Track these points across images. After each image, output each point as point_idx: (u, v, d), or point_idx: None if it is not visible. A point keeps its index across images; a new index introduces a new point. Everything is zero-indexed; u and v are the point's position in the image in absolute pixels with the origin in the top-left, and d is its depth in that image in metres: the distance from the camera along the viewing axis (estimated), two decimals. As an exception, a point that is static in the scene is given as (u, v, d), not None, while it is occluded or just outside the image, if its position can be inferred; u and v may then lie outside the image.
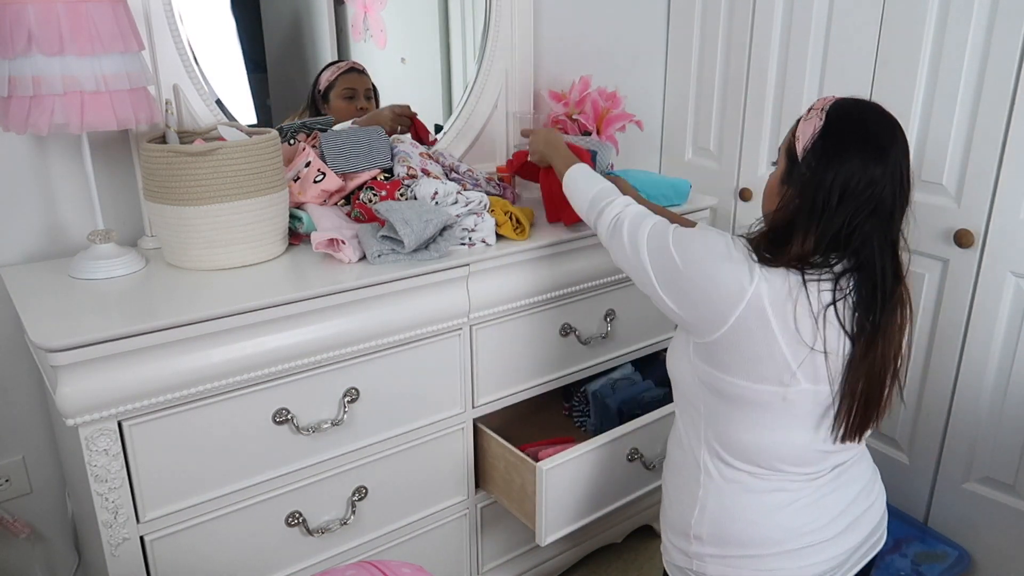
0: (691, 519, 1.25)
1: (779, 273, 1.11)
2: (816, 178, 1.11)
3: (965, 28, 1.69)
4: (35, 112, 1.23)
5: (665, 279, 1.20)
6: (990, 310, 1.76)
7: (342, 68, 1.86)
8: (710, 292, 1.13)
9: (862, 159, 1.10)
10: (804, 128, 1.16)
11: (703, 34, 2.29)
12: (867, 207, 1.10)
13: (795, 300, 1.10)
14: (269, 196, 1.41)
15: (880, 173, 1.10)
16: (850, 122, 1.14)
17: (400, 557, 1.56)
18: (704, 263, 1.15)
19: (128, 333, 1.16)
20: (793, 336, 1.11)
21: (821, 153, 1.12)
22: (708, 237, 1.18)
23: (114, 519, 1.23)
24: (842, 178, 1.10)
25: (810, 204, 1.12)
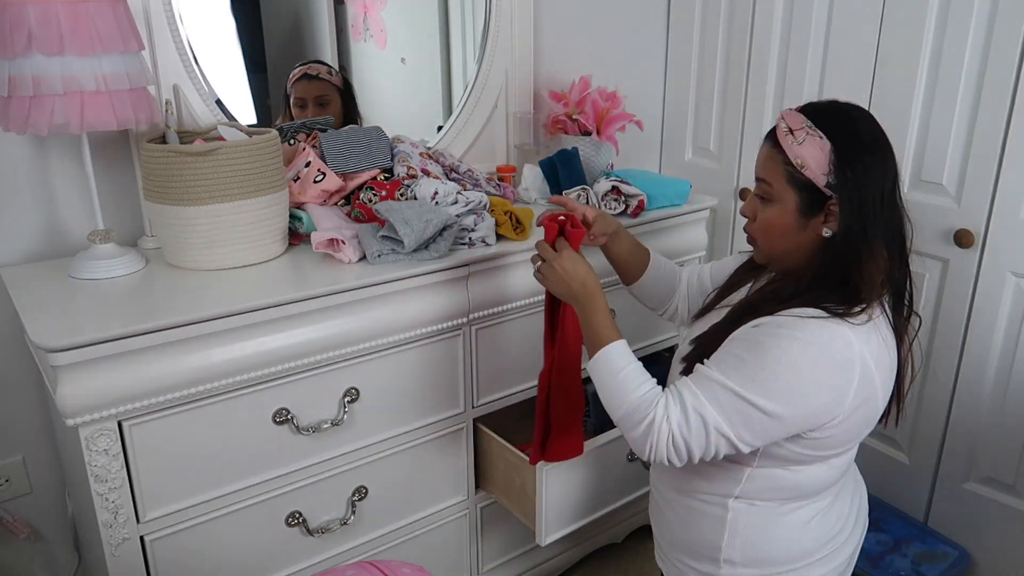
0: (720, 543, 1.18)
1: (866, 319, 1.05)
2: (856, 195, 1.05)
3: (965, 28, 1.69)
4: (35, 112, 1.23)
5: (769, 430, 1.04)
6: (990, 310, 1.76)
7: (295, 76, 1.79)
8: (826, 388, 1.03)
9: (882, 157, 1.07)
10: (806, 152, 1.07)
11: (703, 34, 2.29)
12: (895, 200, 1.08)
13: (887, 336, 1.07)
14: (269, 196, 1.41)
15: (893, 164, 1.08)
16: (853, 129, 1.08)
17: (400, 557, 1.56)
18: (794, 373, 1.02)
19: (128, 333, 1.16)
20: (888, 379, 1.09)
21: (848, 169, 1.05)
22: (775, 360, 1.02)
23: (114, 519, 1.23)
24: (877, 184, 1.05)
25: (863, 221, 1.05)
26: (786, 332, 1.03)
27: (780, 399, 1.02)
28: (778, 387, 1.01)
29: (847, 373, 1.03)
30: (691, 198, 1.91)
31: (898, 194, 1.09)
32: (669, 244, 1.87)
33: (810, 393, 1.02)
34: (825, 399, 1.03)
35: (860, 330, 1.04)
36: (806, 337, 1.02)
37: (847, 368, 1.03)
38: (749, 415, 1.03)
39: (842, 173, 1.05)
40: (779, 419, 1.03)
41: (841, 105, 1.12)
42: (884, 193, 1.06)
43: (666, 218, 1.83)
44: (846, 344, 1.02)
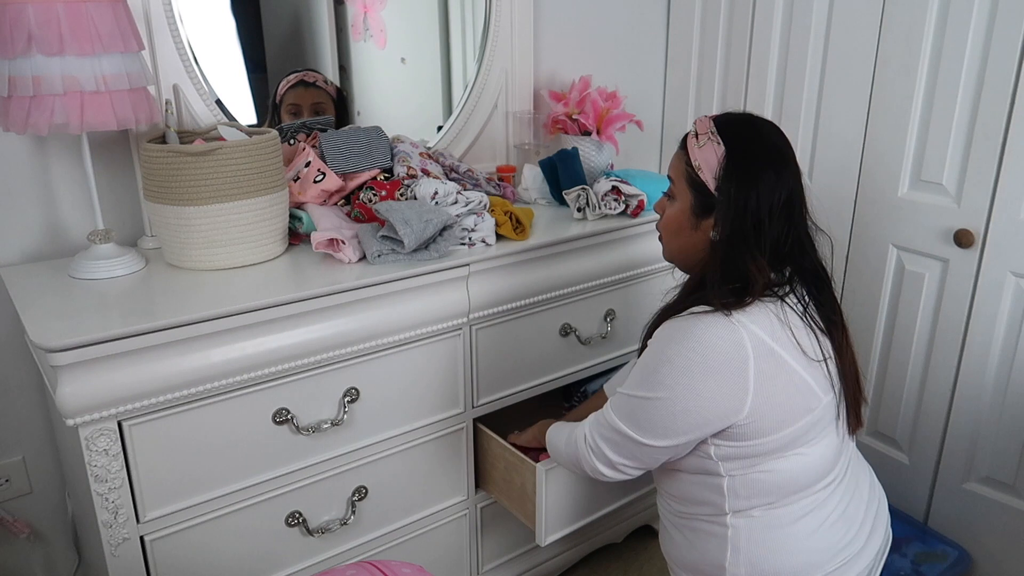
0: (724, 561, 1.19)
1: (756, 309, 1.10)
2: (741, 202, 1.12)
3: (965, 28, 1.69)
4: (35, 112, 1.23)
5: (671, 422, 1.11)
6: (990, 310, 1.76)
7: (290, 81, 1.78)
8: (716, 375, 1.08)
9: (775, 171, 1.13)
10: (703, 156, 1.15)
11: (703, 34, 2.29)
12: (790, 213, 1.14)
13: (786, 323, 1.11)
14: (269, 196, 1.41)
15: (790, 178, 1.14)
16: (750, 139, 1.15)
17: (400, 557, 1.56)
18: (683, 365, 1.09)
19: (128, 333, 1.16)
20: (802, 357, 1.11)
21: (736, 176, 1.12)
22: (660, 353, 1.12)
23: (114, 519, 1.23)
24: (766, 195, 1.11)
25: (745, 228, 1.12)
26: (670, 332, 1.12)
27: (660, 388, 1.10)
28: (659, 379, 1.10)
29: (735, 356, 1.07)
30: (691, 198, 1.91)
31: (795, 208, 1.15)
32: (669, 244, 1.87)
33: (693, 381, 1.08)
34: (716, 386, 1.07)
35: (745, 312, 1.09)
36: (683, 332, 1.09)
37: (733, 351, 1.07)
38: (638, 408, 1.13)
39: (729, 179, 1.12)
40: (663, 405, 1.10)
41: (751, 117, 1.20)
42: (773, 205, 1.12)
43: (666, 218, 1.83)
44: (728, 329, 1.07)
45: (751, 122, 1.18)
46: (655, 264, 1.85)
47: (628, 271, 1.80)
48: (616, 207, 1.73)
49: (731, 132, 1.15)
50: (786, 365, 1.09)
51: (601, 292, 1.77)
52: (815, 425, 1.14)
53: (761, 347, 1.07)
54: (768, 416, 1.10)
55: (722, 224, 1.14)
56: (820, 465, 1.16)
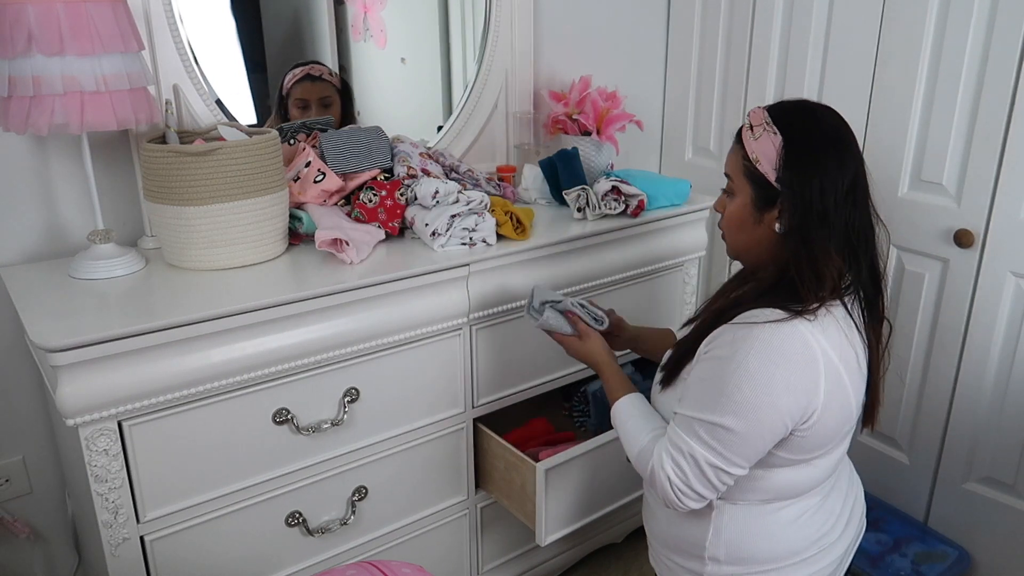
0: (704, 541, 1.19)
1: (825, 318, 1.06)
2: (805, 191, 1.07)
3: (965, 28, 1.69)
4: (35, 112, 1.23)
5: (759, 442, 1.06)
6: (990, 310, 1.76)
7: (296, 76, 1.78)
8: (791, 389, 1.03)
9: (836, 156, 1.08)
10: (760, 147, 1.10)
11: (703, 34, 2.29)
12: (856, 199, 1.09)
13: (850, 335, 1.07)
14: (269, 196, 1.41)
15: (852, 162, 1.09)
16: (808, 125, 1.10)
17: (400, 557, 1.56)
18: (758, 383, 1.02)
19: (128, 333, 1.16)
20: (857, 377, 1.09)
21: (796, 165, 1.07)
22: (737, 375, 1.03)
23: (114, 519, 1.23)
24: (829, 182, 1.06)
25: (811, 218, 1.07)
26: (740, 342, 1.04)
27: (746, 412, 1.03)
28: (742, 399, 1.03)
29: (811, 369, 1.03)
30: (691, 198, 1.91)
31: (859, 194, 1.09)
32: (669, 244, 1.87)
33: (776, 397, 1.02)
34: (793, 399, 1.03)
35: (818, 324, 1.04)
36: (760, 342, 1.03)
37: (810, 364, 1.03)
38: (727, 439, 1.05)
39: (790, 169, 1.07)
40: (752, 431, 1.04)
41: (806, 103, 1.14)
42: (838, 192, 1.07)
43: (666, 218, 1.83)
44: (803, 342, 1.03)
45: (807, 108, 1.13)
46: (655, 264, 1.85)
47: (628, 271, 1.80)
48: (616, 207, 1.73)
49: (787, 120, 1.10)
50: (845, 388, 1.07)
51: (601, 292, 1.77)
52: (838, 444, 1.16)
53: (830, 364, 1.05)
54: (820, 433, 1.08)
55: (787, 216, 1.08)
56: (823, 475, 1.17)
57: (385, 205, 1.57)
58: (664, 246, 1.86)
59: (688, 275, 1.97)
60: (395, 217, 1.58)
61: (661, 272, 1.89)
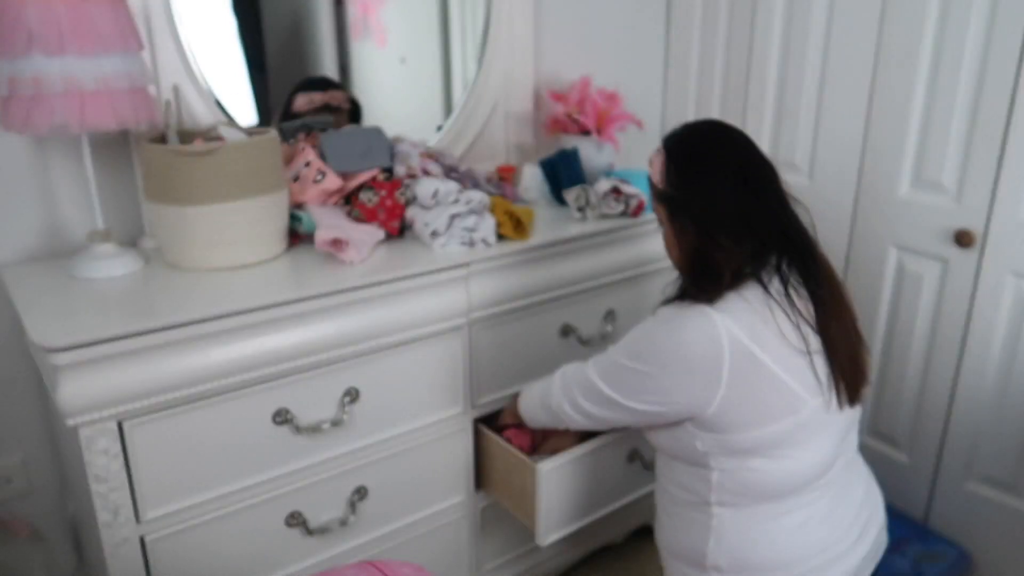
0: (705, 549, 1.20)
1: (731, 299, 1.11)
2: (690, 192, 1.17)
3: (965, 28, 1.69)
4: (35, 112, 1.23)
5: (642, 391, 1.18)
6: (990, 310, 1.76)
7: (315, 104, 1.78)
8: (689, 366, 1.11)
9: (713, 151, 1.17)
10: (654, 170, 1.22)
11: (703, 34, 2.29)
12: (744, 185, 1.15)
13: (768, 312, 1.11)
14: (269, 196, 1.41)
15: (730, 149, 1.18)
16: (684, 136, 1.21)
17: (400, 557, 1.56)
18: (664, 346, 1.14)
19: (128, 333, 1.16)
20: (785, 354, 1.11)
21: (678, 173, 1.18)
22: (646, 330, 1.18)
23: (114, 519, 1.23)
24: (709, 176, 1.16)
25: (703, 217, 1.15)
26: (662, 316, 1.16)
27: (647, 359, 1.15)
28: (644, 348, 1.16)
29: (713, 349, 1.09)
30: (691, 198, 1.91)
31: (753, 183, 1.16)
32: (669, 244, 1.87)
33: (677, 364, 1.12)
34: (695, 378, 1.10)
35: (721, 307, 1.10)
36: (666, 317, 1.15)
37: (712, 344, 1.09)
38: (621, 373, 1.19)
39: (675, 177, 1.19)
40: (647, 376, 1.15)
41: (688, 123, 1.25)
42: (724, 186, 1.15)
43: (666, 218, 1.83)
44: (707, 322, 1.09)
45: (686, 124, 1.24)
46: (655, 264, 1.85)
47: (628, 271, 1.80)
48: (616, 207, 1.73)
49: (669, 139, 1.22)
50: (764, 367, 1.10)
51: (601, 292, 1.77)
52: (803, 428, 1.13)
53: (738, 346, 1.09)
54: (742, 411, 1.11)
55: (684, 219, 1.18)
56: (811, 471, 1.16)
57: (385, 205, 1.58)
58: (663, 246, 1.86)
59: (688, 275, 1.97)
60: (395, 217, 1.58)
61: (661, 271, 1.89)
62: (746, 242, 1.14)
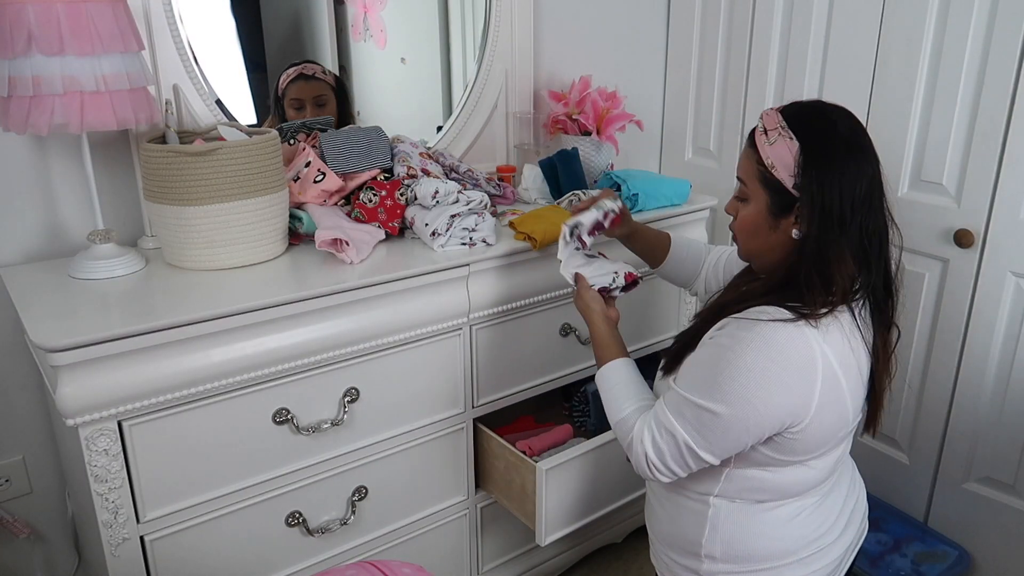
0: (701, 539, 1.20)
1: (831, 321, 1.05)
2: (823, 198, 1.05)
3: (965, 28, 1.69)
4: (35, 112, 1.23)
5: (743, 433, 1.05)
6: (990, 310, 1.76)
7: (290, 75, 1.77)
8: (789, 390, 1.03)
9: (855, 161, 1.06)
10: (776, 153, 1.08)
11: (703, 34, 2.29)
12: (871, 202, 1.07)
13: (856, 340, 1.07)
14: (269, 196, 1.41)
15: (869, 167, 1.08)
16: (825, 130, 1.08)
17: (400, 557, 1.56)
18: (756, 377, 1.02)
19: (128, 333, 1.16)
20: (857, 384, 1.09)
21: (816, 172, 1.05)
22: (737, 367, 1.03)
23: (114, 519, 1.23)
24: (848, 188, 1.05)
25: (830, 224, 1.05)
26: (743, 335, 1.04)
27: (735, 402, 1.03)
28: (733, 389, 1.03)
29: (808, 372, 1.03)
30: (691, 198, 1.91)
31: (876, 198, 1.08)
32: (669, 244, 1.87)
33: (769, 394, 1.02)
34: (786, 399, 1.03)
35: (822, 330, 1.04)
36: (762, 338, 1.02)
37: (808, 367, 1.03)
38: (709, 423, 1.06)
39: (808, 175, 1.05)
40: (736, 422, 1.04)
41: (822, 106, 1.12)
42: (856, 197, 1.05)
43: (666, 218, 1.83)
44: (805, 344, 1.02)
45: (823, 111, 1.10)
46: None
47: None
48: None
49: (803, 124, 1.08)
50: (843, 395, 1.06)
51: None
52: (834, 447, 1.15)
53: (829, 370, 1.04)
54: (812, 437, 1.07)
55: (806, 222, 1.07)
56: (820, 477, 1.17)
57: (385, 205, 1.58)
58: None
59: (688, 275, 1.97)
60: (395, 217, 1.58)
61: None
62: (861, 260, 1.08)
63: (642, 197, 1.79)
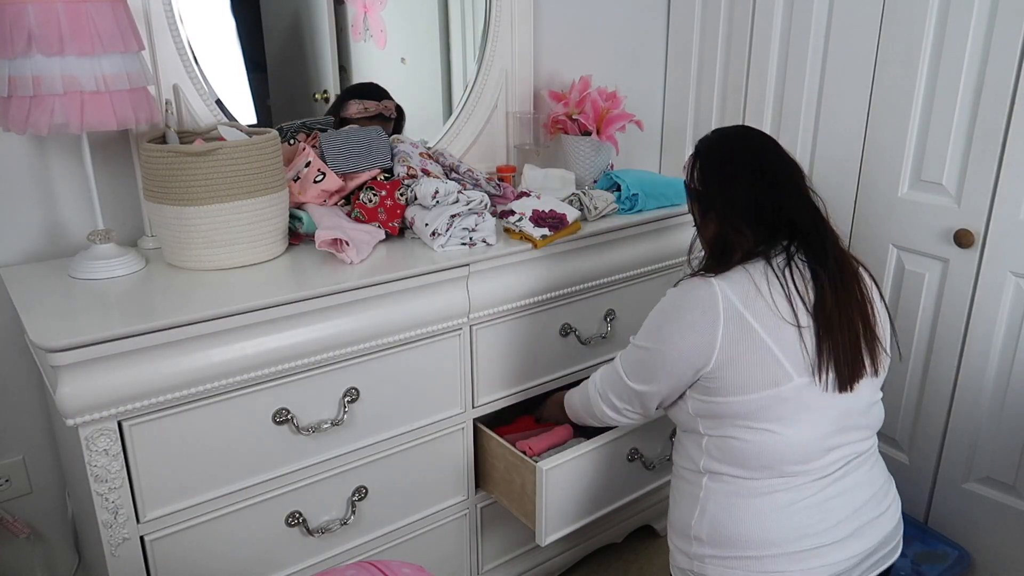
0: (691, 520, 1.26)
1: (736, 272, 1.22)
2: (713, 187, 1.30)
3: (965, 28, 1.69)
4: (35, 112, 1.23)
5: (655, 368, 1.28)
6: (990, 310, 1.76)
7: (369, 112, 1.81)
8: (693, 328, 1.21)
9: (733, 148, 1.31)
10: (686, 172, 1.36)
11: (703, 34, 2.29)
12: (761, 180, 1.26)
13: (765, 284, 1.20)
14: (269, 196, 1.41)
15: (751, 150, 1.29)
16: (712, 139, 1.35)
17: (400, 557, 1.56)
18: (668, 318, 1.26)
19: (128, 333, 1.16)
20: (774, 324, 1.18)
21: (704, 170, 1.32)
22: (655, 310, 1.30)
23: (114, 519, 1.23)
24: (728, 171, 1.29)
25: (723, 208, 1.28)
26: (669, 291, 1.29)
27: (652, 336, 1.28)
28: (651, 327, 1.29)
29: (709, 312, 1.19)
30: (691, 198, 1.91)
31: (771, 176, 1.27)
32: (669, 244, 1.87)
33: (677, 328, 1.23)
34: (691, 335, 1.21)
35: (724, 278, 1.21)
36: (677, 291, 1.27)
37: (709, 307, 1.19)
38: (636, 356, 1.32)
39: (699, 173, 1.33)
40: (656, 355, 1.26)
41: (722, 128, 1.39)
42: (739, 174, 1.27)
43: (666, 218, 1.83)
44: (708, 290, 1.20)
45: (716, 130, 1.38)
46: (655, 264, 1.86)
47: (628, 271, 1.80)
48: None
49: (699, 142, 1.36)
50: (753, 332, 1.18)
51: (601, 292, 1.77)
52: (784, 402, 1.18)
53: (731, 310, 1.18)
54: (731, 375, 1.19)
55: (711, 210, 1.31)
56: (792, 450, 1.18)
57: (385, 205, 1.58)
58: (664, 246, 1.86)
59: (688, 275, 1.97)
60: (395, 217, 1.58)
61: (661, 272, 1.89)
62: (760, 228, 1.25)
63: (641, 197, 1.79)
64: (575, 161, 1.99)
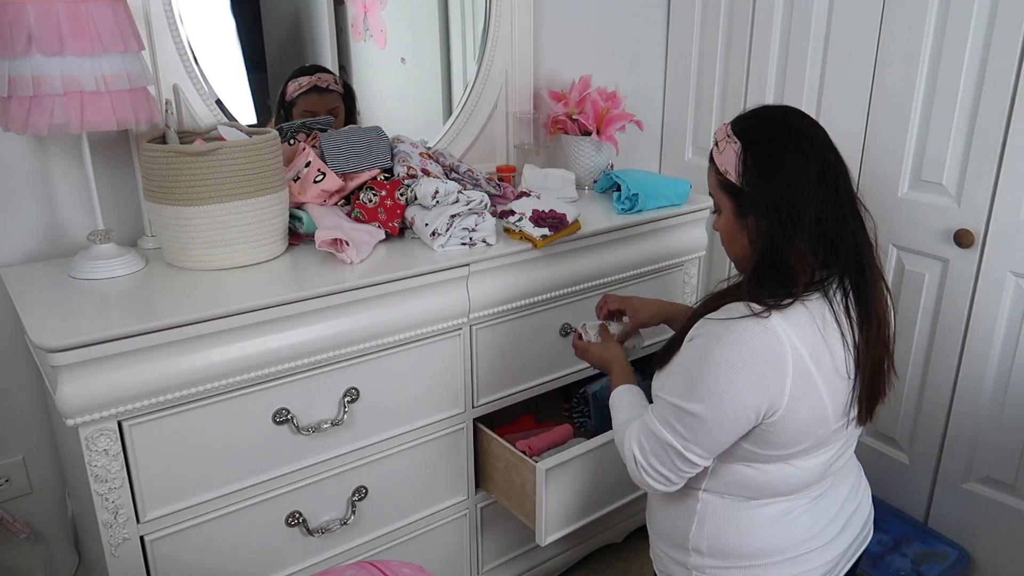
0: (688, 532, 1.22)
1: (798, 311, 1.06)
2: (770, 189, 1.09)
3: (965, 28, 1.69)
4: (35, 112, 1.23)
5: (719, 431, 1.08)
6: (990, 310, 1.76)
7: (303, 87, 1.77)
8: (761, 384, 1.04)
9: (795, 147, 1.10)
10: (724, 159, 1.14)
11: (703, 34, 2.29)
12: (825, 190, 1.09)
13: (825, 328, 1.07)
14: (269, 196, 1.41)
15: (816, 151, 1.10)
16: (763, 126, 1.14)
17: (400, 557, 1.56)
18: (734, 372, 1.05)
19: (128, 333, 1.16)
20: (833, 378, 1.08)
21: (757, 167, 1.10)
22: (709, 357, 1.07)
23: (114, 519, 1.23)
24: (792, 174, 1.08)
25: (782, 216, 1.08)
26: (715, 332, 1.07)
27: (707, 399, 1.07)
28: (706, 387, 1.07)
29: (778, 366, 1.04)
30: (691, 198, 1.91)
31: (831, 185, 1.09)
32: (669, 244, 1.87)
33: (740, 389, 1.05)
34: (758, 394, 1.05)
35: (788, 318, 1.05)
36: (731, 335, 1.05)
37: (778, 361, 1.04)
38: (687, 423, 1.10)
39: (752, 170, 1.11)
40: (712, 419, 1.07)
41: (764, 108, 1.17)
42: (804, 185, 1.08)
43: (666, 218, 1.83)
44: (775, 338, 1.04)
45: (763, 111, 1.16)
46: (655, 264, 1.86)
47: (628, 271, 1.80)
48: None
49: (744, 127, 1.14)
50: (816, 388, 1.07)
51: (601, 292, 1.77)
52: (816, 446, 1.14)
53: (800, 364, 1.05)
54: (786, 432, 1.08)
55: (759, 216, 1.11)
56: (804, 478, 1.16)
57: (385, 205, 1.58)
58: (664, 246, 1.86)
59: (688, 275, 1.97)
60: (395, 217, 1.58)
61: (661, 272, 1.89)
62: (820, 249, 1.09)
63: (642, 197, 1.79)
64: (575, 161, 1.99)
